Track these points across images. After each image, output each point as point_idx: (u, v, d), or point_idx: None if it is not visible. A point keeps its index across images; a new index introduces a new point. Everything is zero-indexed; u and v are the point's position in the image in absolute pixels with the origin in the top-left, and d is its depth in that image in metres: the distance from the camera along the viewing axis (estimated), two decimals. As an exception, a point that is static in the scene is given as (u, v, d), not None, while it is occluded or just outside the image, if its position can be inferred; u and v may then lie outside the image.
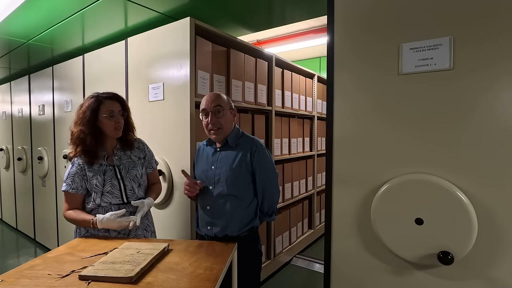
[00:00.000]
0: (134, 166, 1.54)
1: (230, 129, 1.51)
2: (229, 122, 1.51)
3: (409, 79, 1.06)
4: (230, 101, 1.53)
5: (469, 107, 0.97)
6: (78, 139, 1.43)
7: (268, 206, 1.54)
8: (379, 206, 1.08)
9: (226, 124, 1.49)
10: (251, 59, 2.42)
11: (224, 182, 1.46)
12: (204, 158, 1.56)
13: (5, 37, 2.72)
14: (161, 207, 2.01)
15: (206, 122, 1.48)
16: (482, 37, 0.94)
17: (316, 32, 3.79)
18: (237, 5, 2.19)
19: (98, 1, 2.03)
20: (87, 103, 1.45)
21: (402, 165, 1.08)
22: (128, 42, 2.23)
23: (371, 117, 1.13)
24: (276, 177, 1.56)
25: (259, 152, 1.48)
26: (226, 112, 1.49)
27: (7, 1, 2.10)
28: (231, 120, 1.52)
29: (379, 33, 1.11)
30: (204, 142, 1.61)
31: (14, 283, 0.99)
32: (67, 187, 1.44)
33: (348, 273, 1.21)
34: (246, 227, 1.48)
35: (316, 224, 3.57)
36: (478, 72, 0.95)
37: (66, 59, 3.03)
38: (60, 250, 1.27)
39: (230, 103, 1.52)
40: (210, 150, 1.56)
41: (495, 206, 0.94)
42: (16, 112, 3.95)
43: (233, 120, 1.54)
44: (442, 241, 0.98)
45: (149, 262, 1.09)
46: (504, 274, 0.95)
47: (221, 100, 1.48)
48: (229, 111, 1.50)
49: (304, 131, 3.35)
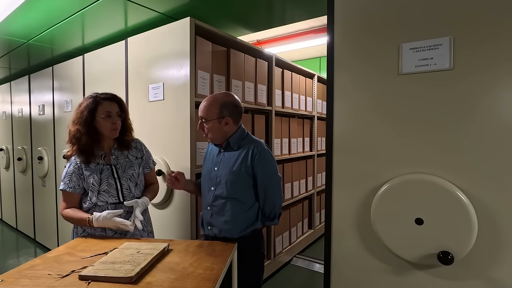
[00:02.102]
0: (131, 166, 1.55)
1: (220, 136, 1.47)
2: (216, 131, 1.45)
3: (409, 79, 1.06)
4: (223, 109, 1.43)
5: (469, 107, 0.97)
6: (74, 138, 1.45)
7: (270, 210, 1.51)
8: (379, 206, 1.08)
9: (213, 134, 1.45)
10: (251, 59, 2.42)
11: (224, 185, 1.45)
12: (210, 158, 1.55)
13: (5, 37, 2.72)
14: (161, 207, 2.01)
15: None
16: (482, 37, 0.94)
17: (316, 32, 3.79)
18: (237, 5, 2.19)
19: (98, 1, 2.03)
20: (85, 103, 1.47)
21: (402, 165, 1.08)
22: (128, 42, 2.23)
23: (371, 117, 1.13)
24: (278, 181, 1.52)
25: (260, 155, 1.44)
26: (212, 123, 1.43)
27: (7, 1, 2.10)
28: (219, 129, 1.45)
29: (379, 33, 1.11)
30: None
31: (14, 283, 0.99)
32: (65, 186, 1.45)
33: (348, 273, 1.21)
34: (248, 230, 1.46)
35: (316, 224, 3.57)
36: (478, 72, 0.95)
37: (66, 59, 3.03)
38: (60, 250, 1.27)
39: (220, 111, 1.43)
40: (215, 150, 1.55)
41: (495, 206, 0.94)
42: (16, 112, 3.95)
43: (225, 128, 1.45)
44: (442, 241, 0.98)
45: (149, 262, 1.09)
46: (504, 274, 0.95)
47: (206, 112, 1.44)
48: (215, 122, 1.43)
49: (304, 131, 3.35)
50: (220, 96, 1.47)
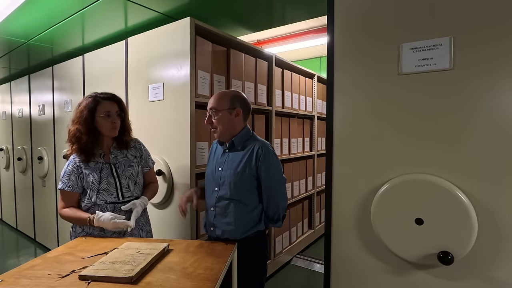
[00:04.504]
0: (130, 165, 1.55)
1: (228, 130, 1.46)
2: (226, 122, 1.44)
3: (409, 79, 1.06)
4: (234, 100, 1.45)
5: (470, 107, 0.97)
6: (74, 137, 1.46)
7: (274, 212, 1.49)
8: (379, 206, 1.08)
9: (222, 125, 1.44)
10: (251, 59, 2.42)
11: (227, 186, 1.44)
12: (215, 158, 1.54)
13: (5, 37, 2.72)
14: (161, 207, 2.01)
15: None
16: (482, 37, 0.94)
17: (316, 32, 3.80)
18: (237, 5, 2.19)
19: (98, 1, 2.03)
20: (85, 102, 1.48)
21: (402, 165, 1.08)
22: (128, 42, 2.23)
23: (372, 117, 1.13)
24: (283, 183, 1.51)
25: (265, 156, 1.42)
26: (222, 113, 1.43)
27: (7, 1, 2.10)
28: (229, 121, 1.45)
29: (379, 33, 1.11)
30: (217, 140, 1.57)
31: (14, 283, 0.99)
32: (63, 185, 1.46)
33: (348, 273, 1.21)
34: (250, 231, 1.45)
35: (316, 224, 3.57)
36: (478, 72, 0.95)
37: (66, 59, 3.03)
38: (60, 250, 1.27)
39: (232, 102, 1.45)
40: (220, 150, 1.54)
41: (495, 206, 0.94)
42: (16, 112, 3.95)
43: (235, 120, 1.46)
44: (442, 241, 0.98)
45: (149, 262, 1.09)
46: (504, 274, 0.95)
47: (218, 102, 1.45)
48: (226, 112, 1.44)
49: (304, 131, 3.35)
50: (231, 91, 1.53)
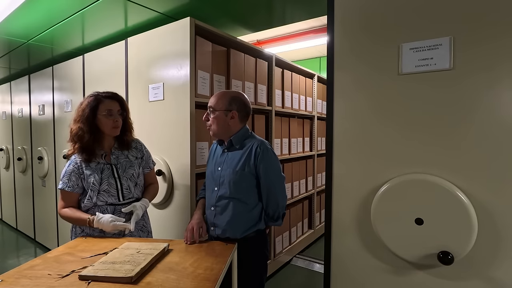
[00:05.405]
0: (131, 166, 1.55)
1: (222, 130, 1.46)
2: (220, 123, 1.45)
3: (409, 79, 1.06)
4: (232, 102, 1.46)
5: (470, 107, 0.97)
6: (76, 136, 1.45)
7: (273, 210, 1.49)
8: (379, 206, 1.08)
9: (217, 125, 1.45)
10: (251, 59, 2.42)
11: (227, 185, 1.44)
12: (215, 158, 1.55)
13: (5, 37, 2.72)
14: (161, 207, 2.01)
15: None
16: (482, 37, 0.94)
17: (316, 32, 3.80)
18: (237, 5, 2.19)
19: (98, 1, 2.03)
20: (87, 101, 1.47)
21: (402, 165, 1.08)
22: (128, 42, 2.23)
23: (371, 117, 1.13)
24: (282, 181, 1.51)
25: (264, 155, 1.43)
26: (218, 113, 1.44)
27: (7, 1, 2.10)
28: (224, 122, 1.45)
29: (379, 33, 1.11)
30: (217, 140, 1.58)
31: (14, 283, 0.99)
32: (63, 185, 1.45)
33: (348, 273, 1.21)
34: (251, 230, 1.46)
35: (316, 224, 3.57)
36: (478, 72, 0.95)
37: (66, 59, 3.03)
38: (60, 250, 1.27)
39: (229, 104, 1.45)
40: (219, 150, 1.55)
41: (495, 206, 0.94)
42: (16, 112, 3.95)
43: (229, 122, 1.46)
44: (442, 241, 0.98)
45: (149, 262, 1.09)
46: (504, 274, 0.95)
47: (216, 101, 1.46)
48: (222, 113, 1.44)
49: (304, 131, 3.35)
50: (232, 92, 1.53)
